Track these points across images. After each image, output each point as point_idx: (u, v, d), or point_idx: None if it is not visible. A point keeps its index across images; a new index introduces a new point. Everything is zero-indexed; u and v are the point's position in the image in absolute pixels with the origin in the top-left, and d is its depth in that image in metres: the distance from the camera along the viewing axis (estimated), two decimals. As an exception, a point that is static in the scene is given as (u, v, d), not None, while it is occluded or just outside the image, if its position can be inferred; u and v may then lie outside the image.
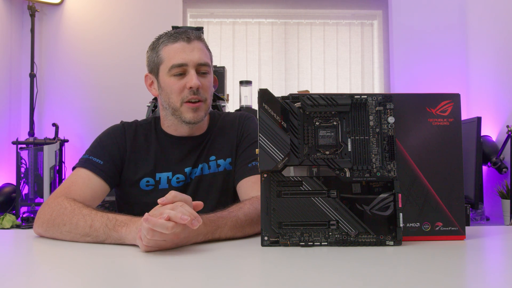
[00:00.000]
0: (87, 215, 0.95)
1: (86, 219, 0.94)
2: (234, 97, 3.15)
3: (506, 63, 2.62)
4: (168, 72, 1.16)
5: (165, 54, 1.17)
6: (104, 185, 1.15)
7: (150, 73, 1.23)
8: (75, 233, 0.94)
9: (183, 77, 1.16)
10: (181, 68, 1.15)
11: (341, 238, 0.85)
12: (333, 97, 0.87)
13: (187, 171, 1.21)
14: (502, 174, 2.42)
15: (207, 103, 1.19)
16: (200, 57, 1.16)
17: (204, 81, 1.17)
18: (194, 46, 1.16)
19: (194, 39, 1.17)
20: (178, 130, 1.23)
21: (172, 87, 1.16)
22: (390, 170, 0.87)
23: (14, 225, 2.44)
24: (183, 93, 1.16)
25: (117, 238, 0.90)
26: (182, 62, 1.15)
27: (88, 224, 0.93)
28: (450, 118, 0.91)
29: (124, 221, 0.90)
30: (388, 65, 3.33)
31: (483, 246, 0.88)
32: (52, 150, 2.69)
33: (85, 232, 0.93)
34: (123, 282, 0.65)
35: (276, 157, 0.85)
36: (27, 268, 0.75)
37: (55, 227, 0.97)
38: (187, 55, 1.15)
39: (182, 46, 1.16)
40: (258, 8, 3.36)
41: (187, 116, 1.17)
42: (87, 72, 3.16)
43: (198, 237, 0.89)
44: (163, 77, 1.18)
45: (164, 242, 0.82)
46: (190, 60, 1.15)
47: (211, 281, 0.65)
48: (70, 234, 0.95)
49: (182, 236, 0.83)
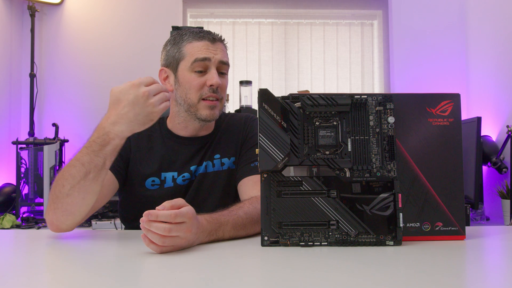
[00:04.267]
0: (72, 164, 0.96)
1: (75, 164, 0.95)
2: (234, 97, 3.15)
3: (506, 63, 2.62)
4: (190, 67, 1.17)
5: (188, 50, 1.18)
6: (113, 178, 1.16)
7: (166, 67, 1.22)
8: (77, 182, 0.94)
9: (204, 75, 1.17)
10: (203, 63, 1.16)
11: (341, 238, 0.85)
12: (333, 97, 0.87)
13: (192, 169, 1.22)
14: (502, 174, 2.42)
15: (222, 103, 1.21)
16: (223, 55, 1.19)
17: (223, 81, 1.20)
18: (217, 46, 1.19)
19: (218, 41, 1.20)
20: (187, 127, 1.23)
21: (192, 83, 1.17)
22: (390, 170, 0.87)
23: (14, 225, 2.44)
24: (202, 90, 1.17)
25: (107, 141, 0.94)
26: (206, 56, 1.16)
27: (78, 166, 0.94)
28: (450, 118, 0.91)
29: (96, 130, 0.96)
30: (388, 65, 3.33)
31: (483, 246, 0.88)
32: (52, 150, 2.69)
33: (83, 173, 0.94)
34: (123, 282, 0.65)
35: (276, 157, 0.85)
36: (27, 268, 0.75)
37: (60, 195, 0.95)
38: (210, 52, 1.17)
39: (206, 44, 1.18)
40: (258, 8, 3.36)
41: (204, 113, 1.17)
42: (87, 72, 3.16)
43: (204, 234, 0.89)
44: (183, 72, 1.18)
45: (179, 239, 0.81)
46: (213, 56, 1.17)
47: (211, 281, 0.65)
48: (74, 188, 0.94)
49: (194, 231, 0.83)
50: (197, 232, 0.85)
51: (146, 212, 0.79)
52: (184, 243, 0.83)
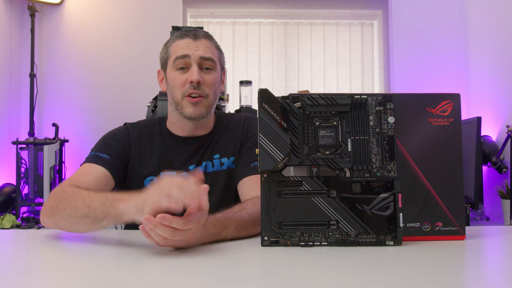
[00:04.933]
0: (86, 196, 0.94)
1: (85, 200, 0.93)
2: (234, 97, 3.15)
3: (506, 63, 2.62)
4: (173, 66, 1.20)
5: (173, 49, 1.21)
6: (110, 178, 1.16)
7: (161, 69, 1.27)
8: (74, 216, 0.93)
9: (186, 72, 1.19)
10: (183, 61, 1.18)
11: (341, 238, 0.85)
12: (333, 97, 0.87)
13: (191, 169, 1.22)
14: (502, 174, 2.42)
15: (209, 99, 1.20)
16: (205, 51, 1.19)
17: (207, 77, 1.19)
18: (199, 43, 1.20)
19: (201, 37, 1.21)
20: (183, 127, 1.24)
21: (175, 81, 1.19)
22: (390, 170, 0.87)
23: (14, 225, 2.44)
24: (184, 87, 1.18)
25: (114, 215, 0.88)
26: (185, 53, 1.18)
27: (86, 204, 0.92)
28: (450, 118, 0.91)
29: (121, 197, 0.88)
30: (388, 65, 3.33)
31: (483, 246, 0.88)
32: (52, 150, 2.69)
33: (84, 214, 0.92)
34: (123, 283, 0.65)
35: (276, 157, 0.85)
36: (27, 268, 0.75)
37: (58, 212, 0.96)
38: (191, 49, 1.18)
39: (188, 41, 1.20)
40: (258, 8, 3.36)
41: (187, 111, 1.18)
42: (87, 72, 3.16)
43: (207, 238, 0.88)
44: (169, 71, 1.22)
45: (181, 242, 0.81)
46: (193, 53, 1.18)
47: (211, 281, 0.65)
48: (70, 217, 0.94)
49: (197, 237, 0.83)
50: (200, 237, 0.85)
51: (161, 215, 0.76)
52: (185, 245, 0.83)
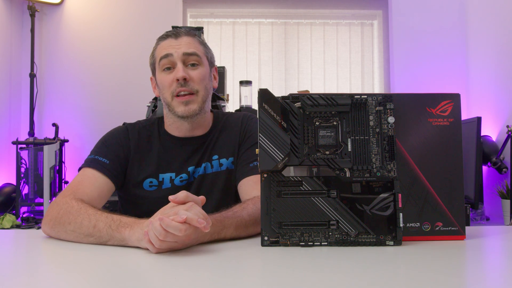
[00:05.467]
0: (92, 215, 0.94)
1: (91, 219, 0.93)
2: (234, 97, 3.15)
3: (506, 63, 2.62)
4: (159, 68, 1.20)
5: (157, 52, 1.21)
6: (111, 184, 1.16)
7: (152, 75, 1.27)
8: (79, 232, 0.93)
9: (173, 71, 1.18)
10: (167, 60, 1.17)
11: (341, 238, 0.85)
12: (333, 97, 0.87)
13: (190, 170, 1.21)
14: (502, 174, 2.42)
15: (199, 96, 1.19)
16: (187, 47, 1.18)
17: (193, 73, 1.18)
18: (181, 40, 1.19)
19: (182, 35, 1.20)
20: (179, 128, 1.23)
21: (163, 82, 1.19)
22: (390, 170, 0.87)
23: (14, 225, 2.44)
24: (172, 87, 1.17)
25: (120, 240, 0.89)
26: (167, 52, 1.17)
27: (92, 224, 0.92)
28: (450, 118, 0.91)
29: (128, 223, 0.89)
30: (388, 65, 3.33)
31: (483, 246, 0.88)
32: (52, 150, 2.69)
33: (88, 232, 0.92)
34: (124, 282, 0.65)
35: (276, 157, 0.85)
36: (27, 268, 0.75)
37: (61, 225, 0.96)
38: (173, 47, 1.18)
39: (169, 41, 1.20)
40: (258, 8, 3.36)
41: (179, 110, 1.18)
42: (87, 72, 3.16)
43: (205, 238, 0.89)
44: (157, 74, 1.22)
45: (176, 244, 0.81)
46: (175, 51, 1.17)
47: (211, 281, 0.65)
48: (74, 233, 0.94)
49: (192, 238, 0.83)
50: (196, 237, 0.85)
51: (160, 217, 0.78)
52: (180, 247, 0.83)
